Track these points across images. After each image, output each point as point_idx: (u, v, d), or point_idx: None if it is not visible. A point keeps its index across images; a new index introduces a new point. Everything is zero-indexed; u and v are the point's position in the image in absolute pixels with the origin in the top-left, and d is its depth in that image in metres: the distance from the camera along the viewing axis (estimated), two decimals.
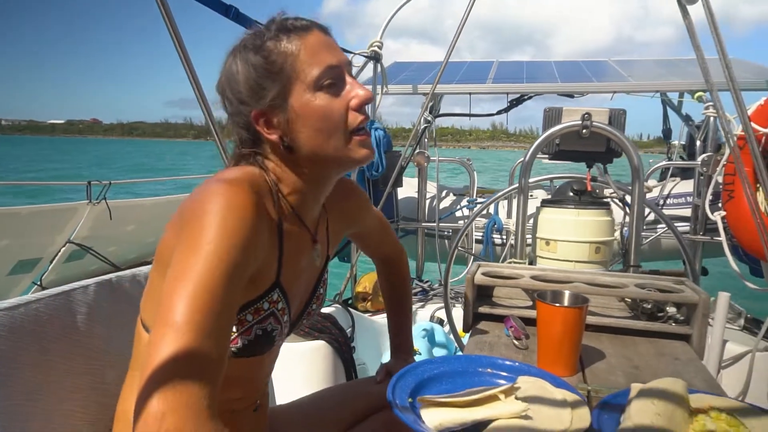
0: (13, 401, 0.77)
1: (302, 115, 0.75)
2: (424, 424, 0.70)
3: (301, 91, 0.74)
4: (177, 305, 0.58)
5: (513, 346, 1.08)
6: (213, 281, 0.60)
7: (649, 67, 4.00)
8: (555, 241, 1.55)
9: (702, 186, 2.86)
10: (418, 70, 4.19)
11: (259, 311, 0.77)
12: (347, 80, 0.77)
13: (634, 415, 0.71)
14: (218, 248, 0.62)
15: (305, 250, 0.86)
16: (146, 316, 0.80)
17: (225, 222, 0.64)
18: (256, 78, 0.74)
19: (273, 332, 0.80)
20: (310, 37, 0.75)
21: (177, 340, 0.56)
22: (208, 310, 0.59)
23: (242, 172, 0.74)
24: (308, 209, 0.85)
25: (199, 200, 0.66)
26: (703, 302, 1.08)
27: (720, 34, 1.64)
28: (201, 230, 0.63)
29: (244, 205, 0.67)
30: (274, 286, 0.79)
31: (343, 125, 0.76)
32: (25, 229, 2.27)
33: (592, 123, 1.45)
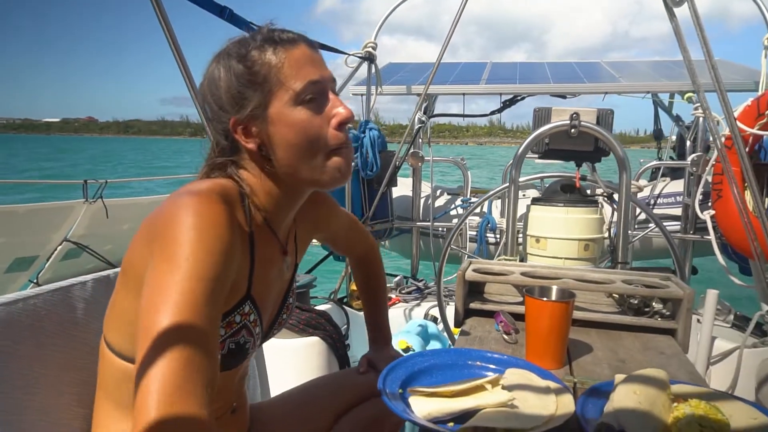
0: (10, 394, 0.78)
1: (280, 128, 0.74)
2: (413, 413, 0.72)
3: (281, 103, 0.73)
4: (161, 328, 0.57)
5: (503, 340, 1.10)
6: (197, 299, 0.60)
7: (640, 68, 4.05)
8: (545, 239, 1.57)
9: (692, 186, 2.90)
10: (413, 71, 4.22)
11: (231, 325, 0.77)
12: (330, 97, 0.77)
13: (617, 402, 0.74)
14: (197, 265, 0.61)
15: (275, 261, 0.86)
16: (113, 338, 0.77)
17: (200, 236, 0.63)
18: (238, 86, 0.74)
19: (246, 344, 0.80)
20: (296, 51, 0.75)
21: (170, 360, 0.56)
22: (195, 328, 0.59)
23: (212, 183, 0.73)
24: (281, 220, 0.84)
25: (170, 214, 0.65)
26: (687, 297, 1.11)
27: (706, 36, 1.67)
28: (176, 246, 0.62)
29: (217, 217, 0.66)
30: (246, 299, 0.78)
31: (321, 142, 0.75)
32: (22, 227, 2.29)
33: (581, 123, 1.48)
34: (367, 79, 3.10)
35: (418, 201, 3.38)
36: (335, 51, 2.78)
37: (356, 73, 3.09)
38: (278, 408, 1.11)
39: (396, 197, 3.51)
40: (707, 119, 1.81)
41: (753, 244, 2.03)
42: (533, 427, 0.68)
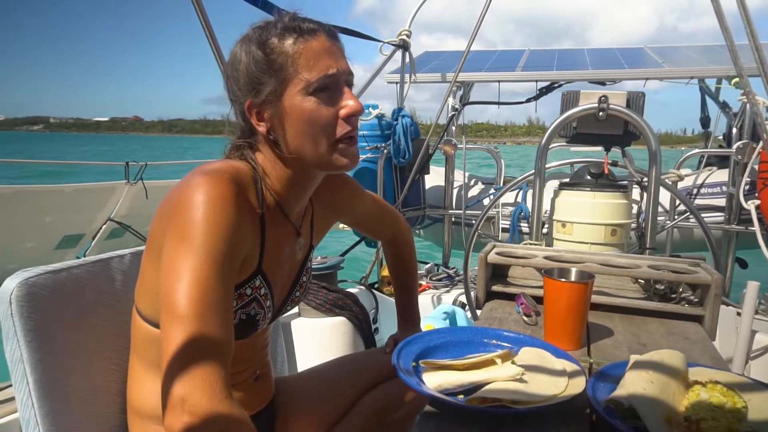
0: (55, 355, 0.85)
1: (291, 115, 0.77)
2: (425, 385, 0.75)
3: (294, 92, 0.76)
4: (178, 300, 0.64)
5: (522, 322, 1.11)
6: (206, 272, 0.66)
7: (686, 53, 3.89)
8: (571, 224, 1.55)
9: (737, 174, 2.78)
10: (448, 59, 4.18)
11: (242, 297, 0.82)
12: (343, 90, 0.79)
13: (628, 383, 0.74)
14: (206, 241, 0.67)
15: (288, 241, 0.90)
16: (141, 305, 0.85)
17: (208, 213, 0.69)
18: (255, 71, 0.77)
19: (256, 316, 0.85)
20: (314, 42, 0.77)
21: (184, 331, 0.63)
22: (206, 300, 0.65)
23: (225, 164, 0.78)
24: (293, 203, 0.88)
25: (183, 193, 0.71)
26: (715, 283, 1.09)
27: (749, 16, 1.60)
28: (187, 224, 0.68)
29: (224, 196, 0.71)
30: (256, 273, 0.83)
31: (328, 132, 0.78)
32: (69, 206, 2.44)
33: (609, 106, 1.45)
34: (401, 66, 3.10)
35: (451, 189, 3.38)
36: (370, 39, 2.80)
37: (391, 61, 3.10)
38: (303, 382, 1.16)
39: (430, 186, 3.52)
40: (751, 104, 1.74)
41: None
42: (540, 401, 0.69)
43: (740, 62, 1.70)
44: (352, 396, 1.13)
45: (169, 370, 0.62)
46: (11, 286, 0.82)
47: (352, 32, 2.44)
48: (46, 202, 2.40)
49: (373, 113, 2.76)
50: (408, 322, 1.28)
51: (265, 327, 0.93)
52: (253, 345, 0.95)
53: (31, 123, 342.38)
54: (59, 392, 0.85)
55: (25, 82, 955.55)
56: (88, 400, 0.89)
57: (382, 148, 2.78)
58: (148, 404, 0.85)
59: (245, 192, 0.78)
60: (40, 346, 0.83)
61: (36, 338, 0.83)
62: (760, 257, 2.66)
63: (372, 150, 2.77)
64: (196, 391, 0.60)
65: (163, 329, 0.65)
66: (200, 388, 0.60)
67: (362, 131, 2.76)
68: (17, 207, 2.30)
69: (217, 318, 0.66)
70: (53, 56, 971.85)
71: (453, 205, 3.43)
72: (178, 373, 0.61)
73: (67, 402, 0.86)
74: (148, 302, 0.83)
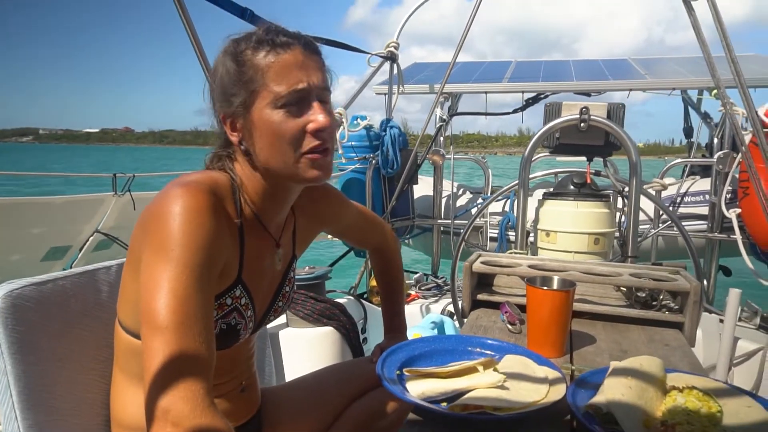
0: (42, 366, 0.85)
1: (259, 127, 0.78)
2: (408, 393, 0.76)
3: (263, 104, 0.77)
4: (158, 311, 0.65)
5: (507, 330, 1.12)
6: (184, 283, 0.67)
7: (669, 65, 3.97)
8: (555, 233, 1.58)
9: (719, 183, 2.83)
10: (437, 70, 4.23)
11: (222, 306, 0.83)
12: (313, 104, 0.78)
13: (607, 389, 0.75)
14: (183, 252, 0.68)
15: (267, 251, 0.90)
16: (123, 317, 0.85)
17: (185, 226, 0.70)
18: (228, 82, 0.78)
19: (237, 326, 0.85)
20: (287, 55, 0.77)
21: (165, 343, 0.63)
22: (185, 310, 0.66)
23: (203, 175, 0.79)
24: (271, 214, 0.89)
25: (160, 204, 0.72)
26: (694, 290, 1.11)
27: (725, 30, 1.65)
28: (164, 235, 0.69)
29: (201, 207, 0.72)
30: (236, 283, 0.84)
31: (295, 146, 0.78)
32: (57, 218, 2.43)
33: (590, 117, 1.48)
34: (389, 78, 3.13)
35: (440, 199, 3.40)
36: (357, 50, 2.82)
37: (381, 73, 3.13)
38: (290, 392, 1.16)
39: (419, 196, 3.54)
40: (728, 114, 1.78)
41: None
42: (521, 408, 0.71)
43: (717, 74, 1.75)
44: (339, 405, 1.13)
45: (152, 382, 0.62)
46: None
47: (339, 44, 2.46)
48: (33, 214, 2.39)
49: (361, 124, 2.78)
50: (394, 330, 1.29)
51: (248, 337, 0.93)
52: (237, 356, 0.95)
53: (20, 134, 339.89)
54: (43, 404, 0.84)
55: (13, 93, 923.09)
56: (73, 413, 0.89)
57: (371, 159, 2.80)
58: (130, 416, 0.85)
59: (223, 203, 0.79)
60: (24, 357, 0.83)
61: (20, 350, 0.83)
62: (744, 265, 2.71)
63: (360, 161, 2.79)
64: (179, 402, 0.61)
65: (144, 341, 0.65)
66: (183, 398, 0.61)
67: (351, 142, 2.78)
68: (3, 219, 2.28)
69: (197, 327, 0.66)
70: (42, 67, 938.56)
71: (442, 215, 3.45)
72: (161, 385, 0.62)
73: (51, 414, 0.85)
74: (128, 314, 0.84)
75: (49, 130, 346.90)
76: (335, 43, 2.46)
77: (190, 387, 0.62)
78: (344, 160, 2.81)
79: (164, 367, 0.63)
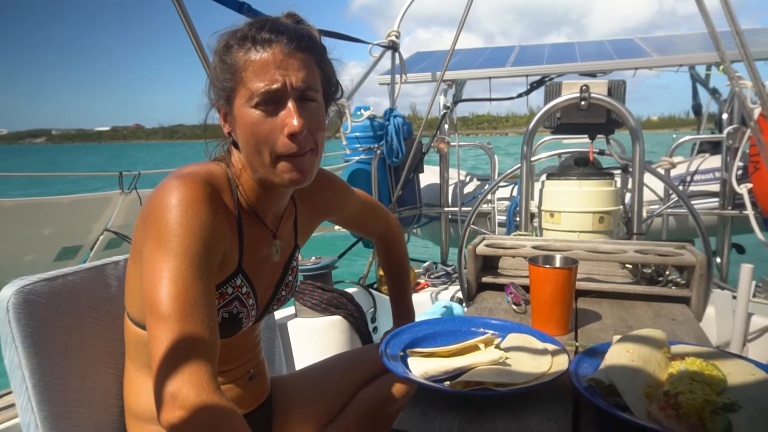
0: (54, 359, 0.88)
1: (239, 124, 0.79)
2: (411, 373, 0.76)
3: (241, 102, 0.77)
4: (160, 301, 0.67)
5: (512, 311, 1.13)
6: (184, 272, 0.69)
7: (675, 42, 3.91)
8: (559, 213, 1.57)
9: (729, 159, 2.80)
10: (440, 58, 4.21)
11: (224, 295, 0.84)
12: (289, 106, 0.77)
13: (609, 361, 0.76)
14: (181, 243, 0.70)
15: (265, 243, 0.91)
16: (130, 309, 0.88)
17: (181, 216, 0.71)
18: (217, 76, 0.80)
19: (239, 314, 0.87)
20: (265, 54, 0.75)
21: (169, 331, 0.66)
22: (186, 298, 0.68)
23: (200, 167, 0.80)
24: (266, 206, 0.89)
25: (157, 197, 0.74)
26: (699, 263, 1.10)
27: (730, 3, 1.63)
28: (162, 227, 0.71)
29: (197, 199, 0.74)
30: (237, 272, 0.85)
31: (269, 146, 0.77)
32: (67, 218, 2.47)
33: (591, 95, 1.47)
34: (391, 67, 3.13)
35: (446, 187, 3.40)
36: (358, 41, 2.82)
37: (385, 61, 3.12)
38: (299, 381, 1.17)
39: (426, 185, 3.54)
40: (734, 89, 1.76)
41: None
42: (523, 383, 0.71)
43: (722, 47, 1.72)
44: (347, 392, 1.14)
45: (158, 370, 0.65)
46: (8, 294, 0.85)
47: (339, 35, 2.46)
48: (44, 215, 2.43)
49: (365, 114, 2.78)
50: (403, 317, 1.30)
51: (252, 326, 0.95)
52: (243, 344, 0.97)
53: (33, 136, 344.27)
54: (58, 396, 0.87)
55: (25, 95, 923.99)
56: (87, 404, 0.91)
57: (375, 149, 2.81)
58: (143, 406, 0.87)
59: (220, 193, 0.81)
60: (37, 351, 0.85)
61: (33, 344, 0.85)
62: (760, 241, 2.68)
63: (365, 151, 2.79)
64: (185, 387, 0.63)
65: (149, 331, 0.68)
66: (188, 383, 0.63)
67: (355, 132, 2.78)
68: (15, 220, 2.33)
69: (199, 314, 0.68)
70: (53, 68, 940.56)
71: (449, 203, 3.45)
72: (167, 371, 0.64)
73: (65, 405, 0.88)
74: (135, 306, 0.86)
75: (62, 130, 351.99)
76: (335, 35, 2.46)
77: (195, 372, 0.64)
78: (348, 151, 2.82)
79: (169, 354, 0.65)
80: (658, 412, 0.67)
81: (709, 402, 0.67)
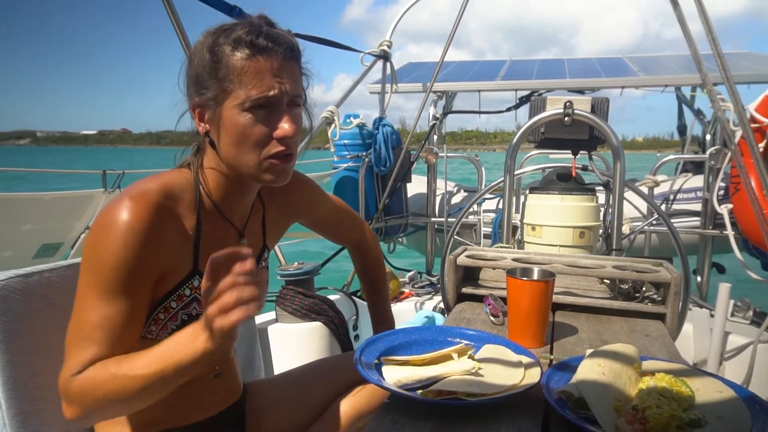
0: (27, 357, 0.87)
1: (226, 125, 0.79)
2: (385, 381, 0.77)
3: (233, 104, 0.78)
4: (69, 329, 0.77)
5: (490, 322, 1.13)
6: (86, 302, 0.76)
7: (663, 63, 3.98)
8: (540, 226, 1.60)
9: (711, 179, 2.85)
10: (431, 69, 4.24)
11: (181, 298, 0.85)
12: (282, 111, 0.80)
13: (580, 375, 0.77)
14: (99, 276, 0.75)
15: (230, 241, 0.91)
16: None
17: (109, 245, 0.75)
18: (202, 74, 0.80)
19: (198, 316, 0.85)
20: (263, 60, 0.77)
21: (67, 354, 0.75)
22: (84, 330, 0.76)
23: (157, 181, 0.81)
24: (232, 204, 0.90)
25: (104, 214, 0.76)
26: (675, 280, 1.12)
27: (711, 25, 1.67)
28: (90, 250, 0.76)
29: (132, 227, 0.75)
30: (193, 274, 0.85)
31: (259, 149, 0.80)
32: (47, 215, 2.45)
33: (574, 111, 1.50)
34: (382, 77, 3.15)
35: (433, 197, 3.42)
36: (350, 49, 2.84)
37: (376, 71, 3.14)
38: (275, 385, 1.17)
39: (414, 195, 3.55)
40: (715, 110, 1.80)
41: (767, 236, 2.00)
42: (494, 393, 0.72)
43: (705, 69, 1.77)
44: (324, 399, 1.14)
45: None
46: None
47: (332, 43, 2.48)
48: (24, 210, 2.41)
49: (354, 122, 2.80)
50: (382, 325, 1.30)
51: None
52: None
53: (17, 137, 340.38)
54: (29, 394, 0.86)
55: (10, 95, 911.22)
56: (58, 402, 0.90)
57: (364, 157, 2.82)
58: None
59: (175, 203, 0.82)
60: (9, 347, 0.84)
61: (5, 340, 0.84)
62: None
63: (353, 159, 2.80)
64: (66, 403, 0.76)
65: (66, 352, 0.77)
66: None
67: (343, 140, 2.79)
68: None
69: (121, 339, 0.76)
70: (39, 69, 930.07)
71: (436, 213, 3.46)
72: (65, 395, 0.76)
73: (36, 404, 0.87)
74: None
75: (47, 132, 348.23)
76: (328, 42, 2.48)
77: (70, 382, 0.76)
78: (336, 159, 2.82)
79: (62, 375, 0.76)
80: (625, 426, 0.68)
81: (675, 417, 0.68)
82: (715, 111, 1.82)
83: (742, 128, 1.80)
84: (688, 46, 1.75)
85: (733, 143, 1.99)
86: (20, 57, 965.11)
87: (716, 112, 1.82)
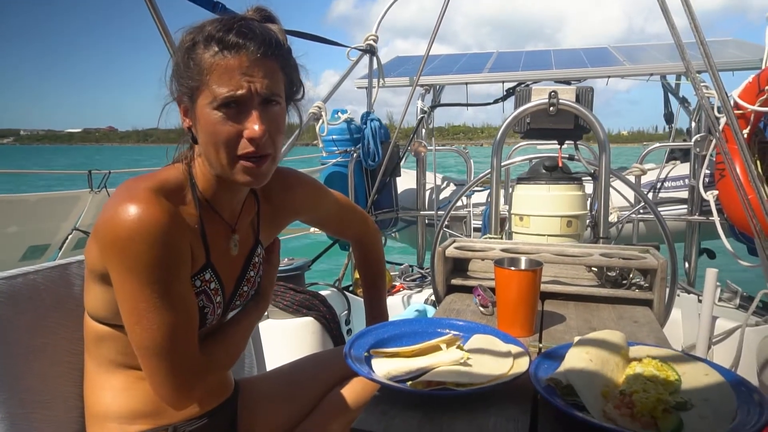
0: (11, 360, 0.86)
1: (201, 122, 0.79)
2: (374, 373, 0.77)
3: (204, 102, 0.77)
4: (138, 331, 0.77)
5: (479, 313, 1.14)
6: (155, 301, 0.76)
7: (648, 52, 4.00)
8: (528, 216, 1.61)
9: (697, 166, 2.87)
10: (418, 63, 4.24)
11: None
12: (252, 111, 0.78)
13: (568, 362, 0.77)
14: (145, 271, 0.74)
15: (224, 237, 0.92)
16: (87, 304, 0.88)
17: (146, 246, 0.74)
18: (181, 73, 0.79)
19: (204, 309, 0.87)
20: (232, 59, 0.75)
21: (160, 363, 0.78)
22: (161, 325, 0.76)
23: (152, 179, 0.80)
24: (223, 201, 0.90)
25: (112, 223, 0.74)
26: (661, 267, 1.14)
27: (693, 12, 1.68)
28: (123, 257, 0.74)
29: (155, 220, 0.74)
30: (206, 266, 0.86)
31: (229, 148, 0.79)
32: (34, 216, 2.43)
33: (559, 101, 1.50)
34: (368, 71, 3.14)
35: (423, 191, 3.42)
36: (336, 44, 2.83)
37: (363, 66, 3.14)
38: (267, 381, 1.17)
39: (403, 189, 3.55)
40: (699, 97, 1.81)
41: (752, 221, 2.03)
42: (483, 383, 0.72)
43: (687, 57, 1.77)
44: (316, 393, 1.14)
45: (154, 386, 0.80)
46: None
47: (318, 38, 2.47)
48: (9, 212, 2.37)
49: (342, 118, 2.79)
50: (377, 320, 1.30)
51: (215, 323, 0.94)
52: None
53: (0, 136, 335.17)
54: (16, 397, 0.85)
55: None
56: (47, 405, 0.89)
57: (352, 152, 2.81)
58: (103, 403, 0.86)
59: (176, 198, 0.82)
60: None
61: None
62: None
63: (342, 154, 2.80)
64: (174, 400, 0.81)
65: (141, 360, 0.79)
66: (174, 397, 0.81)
67: (331, 136, 2.78)
68: None
69: (184, 336, 0.79)
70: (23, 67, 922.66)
71: (426, 207, 3.47)
72: (161, 387, 0.80)
73: (24, 407, 0.86)
74: (94, 304, 0.86)
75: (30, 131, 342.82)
76: (314, 37, 2.47)
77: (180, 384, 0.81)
78: (325, 154, 2.82)
79: (160, 378, 0.79)
80: (613, 411, 0.69)
81: (661, 401, 0.69)
82: (699, 98, 1.83)
83: (726, 115, 1.82)
84: (671, 34, 1.75)
85: (717, 130, 2.01)
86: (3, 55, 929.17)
87: (700, 100, 1.84)
